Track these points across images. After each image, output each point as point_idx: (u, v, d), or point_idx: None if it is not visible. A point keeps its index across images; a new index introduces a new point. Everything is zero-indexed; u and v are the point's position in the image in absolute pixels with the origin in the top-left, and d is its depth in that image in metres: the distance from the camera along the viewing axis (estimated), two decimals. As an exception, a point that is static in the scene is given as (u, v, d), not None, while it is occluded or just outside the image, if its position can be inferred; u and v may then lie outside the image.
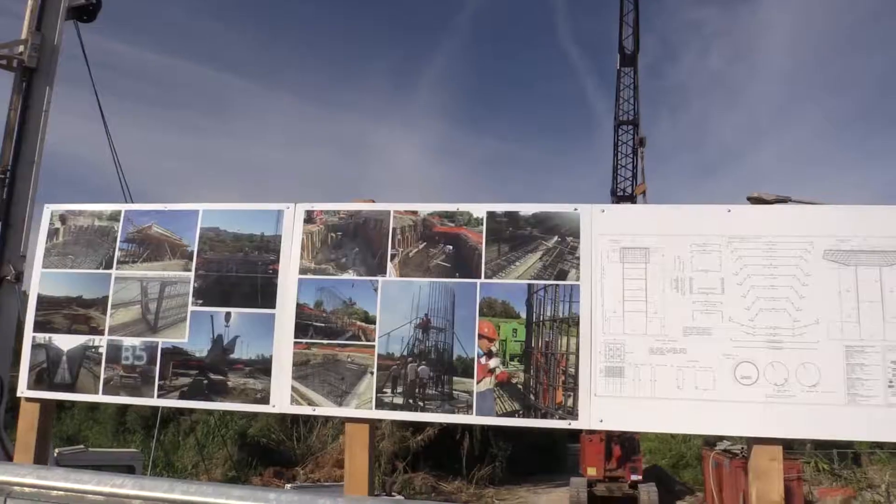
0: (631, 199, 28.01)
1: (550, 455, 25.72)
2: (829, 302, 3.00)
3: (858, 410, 2.91)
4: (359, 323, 3.30)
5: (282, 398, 3.33)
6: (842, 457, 18.75)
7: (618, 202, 27.98)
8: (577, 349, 3.11)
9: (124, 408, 21.17)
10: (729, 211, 3.16)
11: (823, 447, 18.20)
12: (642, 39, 28.88)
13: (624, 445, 18.06)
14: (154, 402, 3.50)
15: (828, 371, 2.95)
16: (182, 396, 3.45)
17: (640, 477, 17.87)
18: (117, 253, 3.64)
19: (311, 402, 3.30)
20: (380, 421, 3.81)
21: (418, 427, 17.99)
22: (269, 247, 3.48)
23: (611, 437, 17.97)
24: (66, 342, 3.60)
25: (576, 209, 3.25)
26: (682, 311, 3.07)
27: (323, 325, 3.33)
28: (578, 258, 3.19)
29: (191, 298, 3.50)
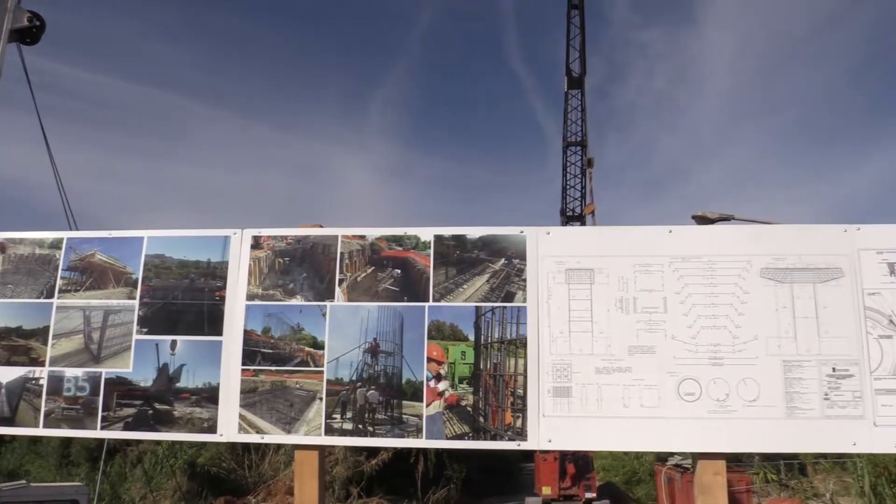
0: (580, 218, 28.49)
1: (505, 475, 25.72)
2: (767, 318, 3.10)
3: (797, 423, 3.00)
4: (307, 348, 3.28)
5: (229, 427, 3.28)
6: (788, 467, 19.16)
7: (567, 222, 28.44)
8: (525, 370, 3.15)
9: (68, 440, 20.48)
10: (670, 232, 3.25)
11: (771, 459, 18.58)
12: (589, 61, 29.57)
13: (578, 464, 18.20)
14: (97, 433, 3.41)
15: (767, 386, 3.04)
16: (126, 427, 3.37)
17: (594, 494, 18.00)
18: (59, 282, 3.55)
19: (259, 430, 3.26)
20: (332, 447, 3.78)
21: (372, 451, 17.83)
22: (216, 273, 3.44)
23: (565, 456, 18.08)
24: (4, 374, 3.48)
25: (522, 232, 3.30)
26: (627, 331, 3.14)
27: (271, 351, 3.31)
28: (525, 280, 3.24)
29: (135, 327, 3.43)
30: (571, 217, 29.16)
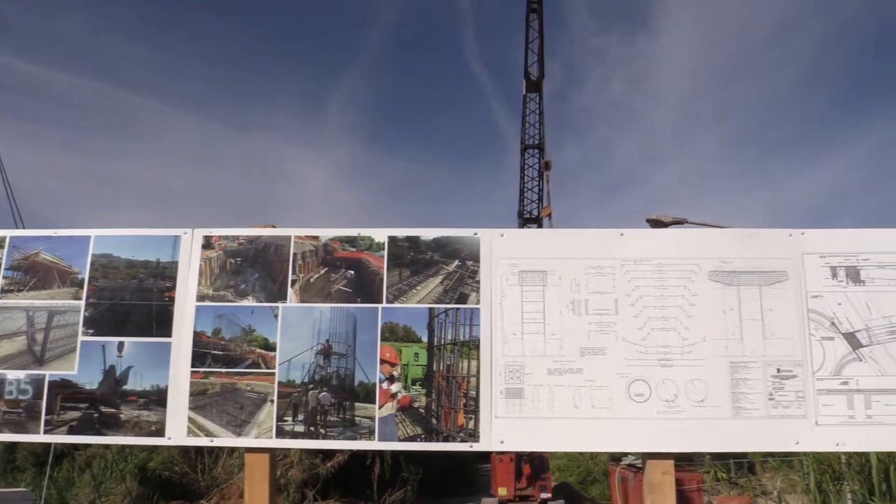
0: (537, 220, 28.69)
1: (461, 476, 25.76)
2: (715, 320, 3.16)
3: (742, 423, 3.07)
4: (258, 350, 3.24)
5: (178, 430, 3.22)
6: (738, 466, 19.56)
7: (525, 224, 28.63)
8: (478, 372, 3.16)
9: (13, 444, 19.89)
10: (622, 235, 3.29)
11: (721, 458, 18.96)
12: (547, 65, 29.77)
13: (533, 464, 18.30)
14: (41, 438, 3.33)
15: (714, 386, 3.10)
16: (71, 431, 3.29)
17: (549, 495, 18.11)
18: (1, 281, 3.45)
19: (208, 433, 3.21)
20: (287, 450, 3.74)
21: (328, 454, 17.70)
22: (166, 273, 3.38)
23: (521, 457, 18.17)
24: (-58, 377, 3.37)
25: (476, 234, 3.31)
26: (579, 332, 3.17)
27: (221, 353, 3.26)
28: (479, 282, 3.25)
29: (81, 328, 3.35)
30: (529, 219, 29.35)
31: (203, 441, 3.23)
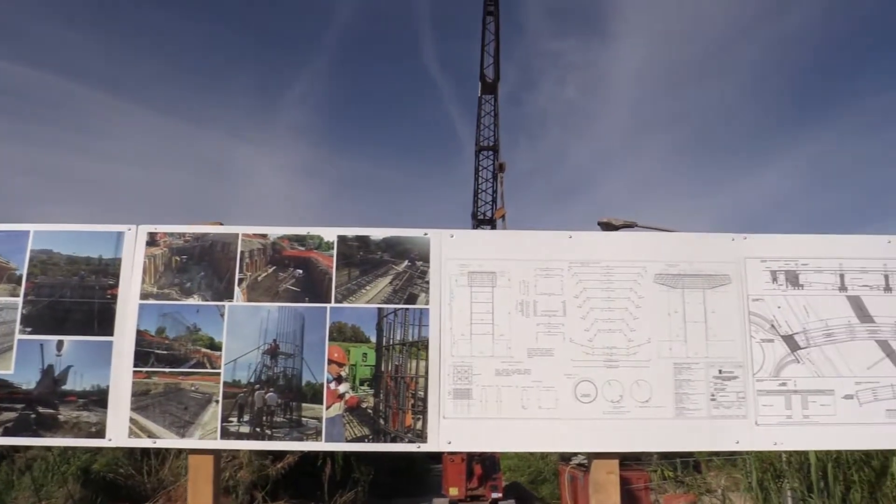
0: (491, 222, 28.82)
1: (412, 477, 25.73)
2: (660, 322, 3.22)
3: (685, 423, 3.13)
4: (203, 350, 3.19)
5: (119, 431, 3.15)
6: (684, 465, 19.92)
7: (478, 226, 28.74)
8: (427, 372, 3.16)
9: (-52, 446, 19.16)
10: (570, 237, 3.33)
11: (668, 457, 19.28)
12: (503, 67, 29.95)
13: (485, 464, 18.37)
14: (-27, 439, 3.22)
15: (658, 387, 3.15)
16: (6, 433, 3.19)
17: (500, 494, 18.21)
18: (-67, 277, 3.32)
19: (151, 434, 3.14)
20: (236, 451, 3.67)
21: (278, 455, 17.48)
22: (108, 270, 3.30)
23: (472, 457, 18.23)
24: None
25: (426, 234, 3.31)
26: (527, 333, 3.19)
27: (165, 352, 3.19)
28: (428, 282, 3.25)
29: (18, 326, 3.25)
30: (482, 221, 29.49)
31: (145, 442, 3.16)
